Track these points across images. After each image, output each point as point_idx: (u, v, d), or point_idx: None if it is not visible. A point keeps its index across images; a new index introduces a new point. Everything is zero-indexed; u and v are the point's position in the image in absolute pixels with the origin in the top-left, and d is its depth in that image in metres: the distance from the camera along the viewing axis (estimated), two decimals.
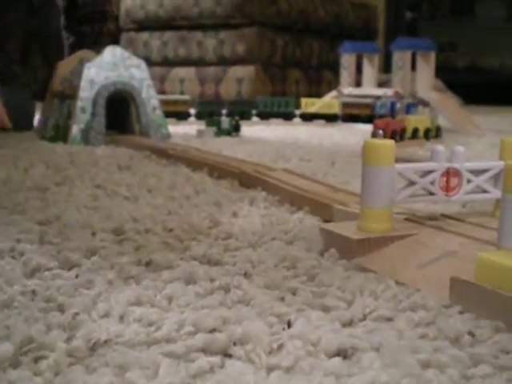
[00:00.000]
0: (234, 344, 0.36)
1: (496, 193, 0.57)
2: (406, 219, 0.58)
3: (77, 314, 0.40)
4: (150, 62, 2.12)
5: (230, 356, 0.35)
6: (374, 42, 2.49)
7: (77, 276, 0.47)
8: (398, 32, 4.12)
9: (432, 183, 0.56)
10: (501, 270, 0.40)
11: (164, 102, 1.72)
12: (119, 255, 0.52)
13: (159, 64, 3.12)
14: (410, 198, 0.56)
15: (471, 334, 0.38)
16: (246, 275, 0.47)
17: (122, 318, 0.40)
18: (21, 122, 1.45)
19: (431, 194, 0.56)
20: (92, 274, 0.48)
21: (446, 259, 0.50)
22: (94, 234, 0.58)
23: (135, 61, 1.41)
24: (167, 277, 0.47)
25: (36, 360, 0.35)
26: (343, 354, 0.35)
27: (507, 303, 0.39)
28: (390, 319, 0.40)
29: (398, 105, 1.74)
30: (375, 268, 0.49)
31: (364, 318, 0.41)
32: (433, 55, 2.15)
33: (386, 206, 0.54)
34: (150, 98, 1.41)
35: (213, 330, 0.38)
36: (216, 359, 0.34)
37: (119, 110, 1.39)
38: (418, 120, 1.55)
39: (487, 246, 0.49)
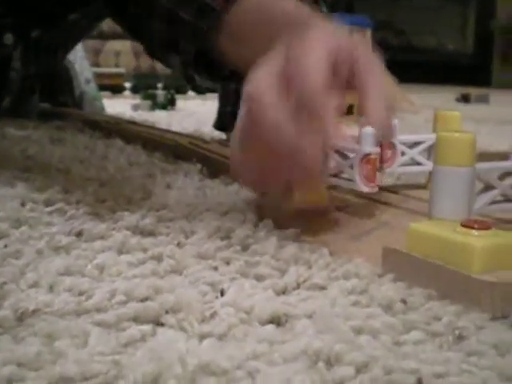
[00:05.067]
0: (166, 312, 0.36)
1: (429, 165, 0.58)
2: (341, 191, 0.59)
3: (4, 283, 0.38)
4: None
5: (162, 325, 0.35)
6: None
7: (5, 246, 0.46)
8: (335, 9, 4.14)
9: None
10: (430, 240, 0.41)
11: (98, 75, 1.69)
12: (49, 225, 0.51)
13: (93, 37, 3.07)
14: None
15: (403, 301, 0.38)
16: (179, 245, 0.47)
17: (51, 288, 0.39)
18: None
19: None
20: (21, 244, 0.46)
21: (379, 230, 0.50)
22: (23, 204, 0.57)
23: None
24: (98, 247, 0.46)
25: None
26: (276, 321, 0.35)
27: (438, 272, 0.40)
28: (323, 287, 0.40)
29: None
30: (310, 239, 0.49)
31: (298, 287, 0.41)
32: (369, 33, 2.16)
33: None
34: (83, 71, 1.38)
35: (145, 299, 0.37)
36: (148, 328, 0.34)
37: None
38: (353, 97, 1.55)
39: (419, 217, 0.49)
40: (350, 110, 0.65)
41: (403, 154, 0.57)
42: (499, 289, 0.37)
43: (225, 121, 1.10)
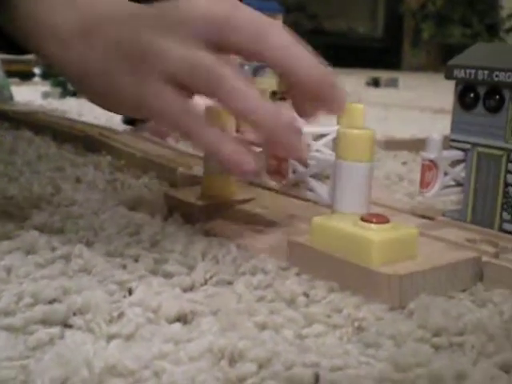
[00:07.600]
0: (74, 314, 0.36)
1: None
2: (250, 183, 0.60)
3: None
4: None
5: (70, 326, 0.35)
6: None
7: None
8: None
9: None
10: (332, 233, 0.42)
11: (5, 61, 1.65)
12: None
13: None
14: None
15: (306, 294, 0.39)
16: (87, 243, 0.47)
17: None
18: None
19: None
20: None
21: (286, 222, 0.51)
22: None
23: None
24: (6, 247, 0.46)
25: None
26: (183, 319, 0.36)
27: (339, 265, 0.41)
28: (230, 283, 0.41)
29: (246, 67, 1.75)
30: (218, 233, 0.50)
31: (205, 283, 0.42)
32: (280, 17, 2.18)
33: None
34: None
35: (53, 301, 0.37)
36: (56, 330, 0.34)
37: None
38: (266, 82, 1.57)
39: (326, 210, 0.51)
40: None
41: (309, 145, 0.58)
42: (397, 280, 0.39)
43: None
